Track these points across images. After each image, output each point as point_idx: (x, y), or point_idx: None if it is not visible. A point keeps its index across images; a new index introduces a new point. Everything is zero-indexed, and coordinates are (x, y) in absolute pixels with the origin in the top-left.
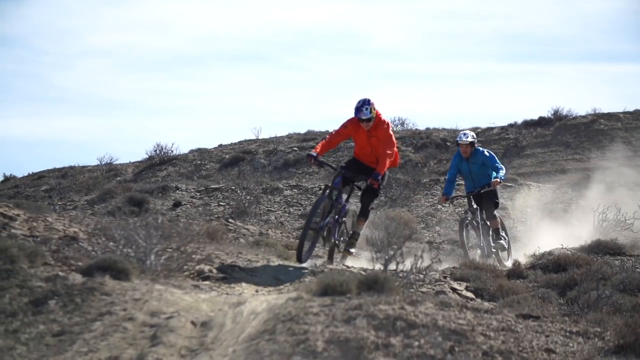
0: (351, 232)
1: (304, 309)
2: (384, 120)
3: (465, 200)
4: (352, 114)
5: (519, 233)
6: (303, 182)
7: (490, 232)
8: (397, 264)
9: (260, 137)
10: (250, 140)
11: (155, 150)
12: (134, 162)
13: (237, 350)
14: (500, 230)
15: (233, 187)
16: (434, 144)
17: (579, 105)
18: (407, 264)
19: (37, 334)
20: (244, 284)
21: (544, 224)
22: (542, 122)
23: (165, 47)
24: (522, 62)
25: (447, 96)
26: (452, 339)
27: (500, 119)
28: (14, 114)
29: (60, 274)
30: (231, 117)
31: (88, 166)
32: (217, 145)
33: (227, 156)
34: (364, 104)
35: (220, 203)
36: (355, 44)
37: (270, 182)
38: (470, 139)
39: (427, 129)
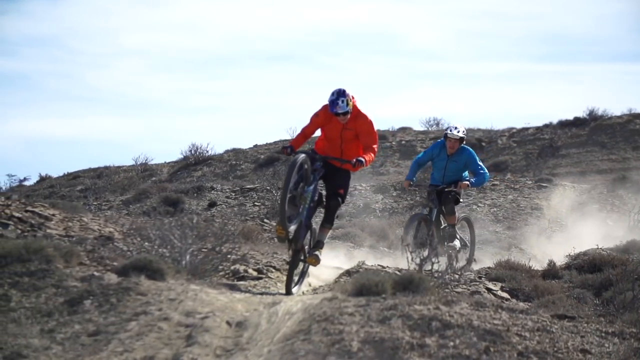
0: (316, 240)
1: (339, 309)
2: (362, 111)
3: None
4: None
5: (554, 233)
6: None
7: (446, 231)
8: (432, 264)
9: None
10: (285, 140)
11: (191, 151)
12: (169, 162)
13: (272, 351)
14: (456, 227)
15: (268, 187)
16: (469, 144)
17: (614, 105)
18: (442, 265)
19: (73, 333)
20: (279, 284)
21: (579, 224)
22: (577, 122)
23: (200, 47)
24: (557, 62)
25: (482, 96)
26: (488, 339)
27: (535, 119)
28: (50, 114)
29: (96, 273)
30: (266, 117)
31: (123, 166)
32: (252, 146)
33: (262, 156)
34: (339, 96)
35: (256, 203)
36: (390, 44)
37: None
38: (461, 135)
39: None
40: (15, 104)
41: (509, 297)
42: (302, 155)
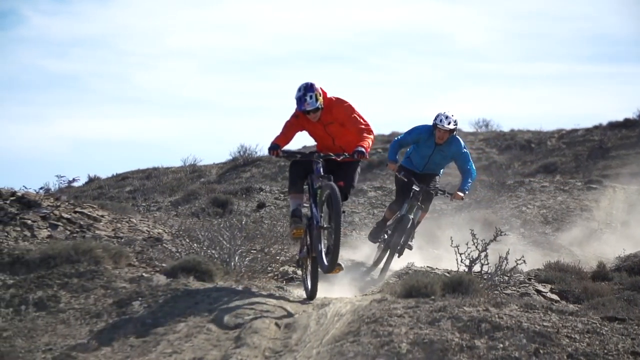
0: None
1: (388, 311)
2: (334, 99)
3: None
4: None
5: (603, 235)
6: (387, 183)
7: (412, 229)
8: (482, 265)
9: None
10: None
11: (239, 152)
12: (217, 164)
13: (321, 352)
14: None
15: None
16: (519, 145)
17: None
18: (492, 266)
19: (122, 334)
20: (327, 285)
21: (629, 226)
22: (627, 123)
23: (247, 48)
24: (606, 63)
25: (531, 97)
26: (537, 341)
27: (585, 121)
28: (98, 115)
29: (145, 275)
30: None
31: (172, 167)
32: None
33: None
34: (306, 92)
35: (304, 204)
36: (438, 44)
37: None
38: (452, 126)
39: (512, 130)
40: (64, 105)
41: (558, 298)
42: (334, 186)
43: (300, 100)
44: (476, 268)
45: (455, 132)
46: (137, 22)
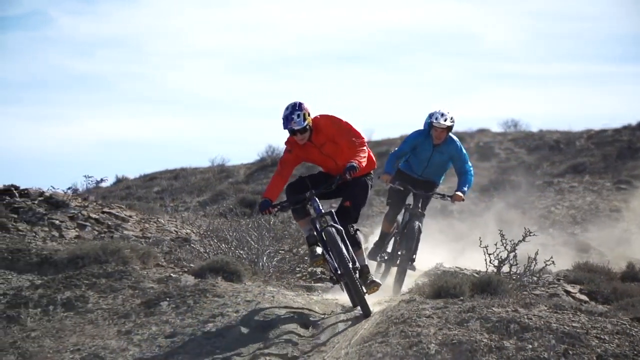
0: (358, 267)
1: (416, 312)
2: (320, 117)
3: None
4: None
5: (633, 235)
6: None
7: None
8: (511, 266)
9: (372, 139)
10: None
11: (267, 152)
12: (245, 164)
13: (349, 353)
14: None
15: None
16: (547, 145)
17: None
18: (521, 267)
19: (150, 335)
20: None
21: None
22: None
23: (272, 48)
24: (635, 63)
25: (559, 97)
26: (566, 342)
27: (613, 121)
28: (125, 115)
29: (173, 275)
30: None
31: (200, 167)
32: None
33: None
34: (294, 110)
35: (332, 205)
36: (464, 44)
37: (382, 184)
38: (449, 123)
39: (540, 130)
40: (91, 106)
41: (587, 299)
42: (332, 233)
43: (287, 119)
44: (505, 269)
45: (452, 130)
46: (162, 23)
